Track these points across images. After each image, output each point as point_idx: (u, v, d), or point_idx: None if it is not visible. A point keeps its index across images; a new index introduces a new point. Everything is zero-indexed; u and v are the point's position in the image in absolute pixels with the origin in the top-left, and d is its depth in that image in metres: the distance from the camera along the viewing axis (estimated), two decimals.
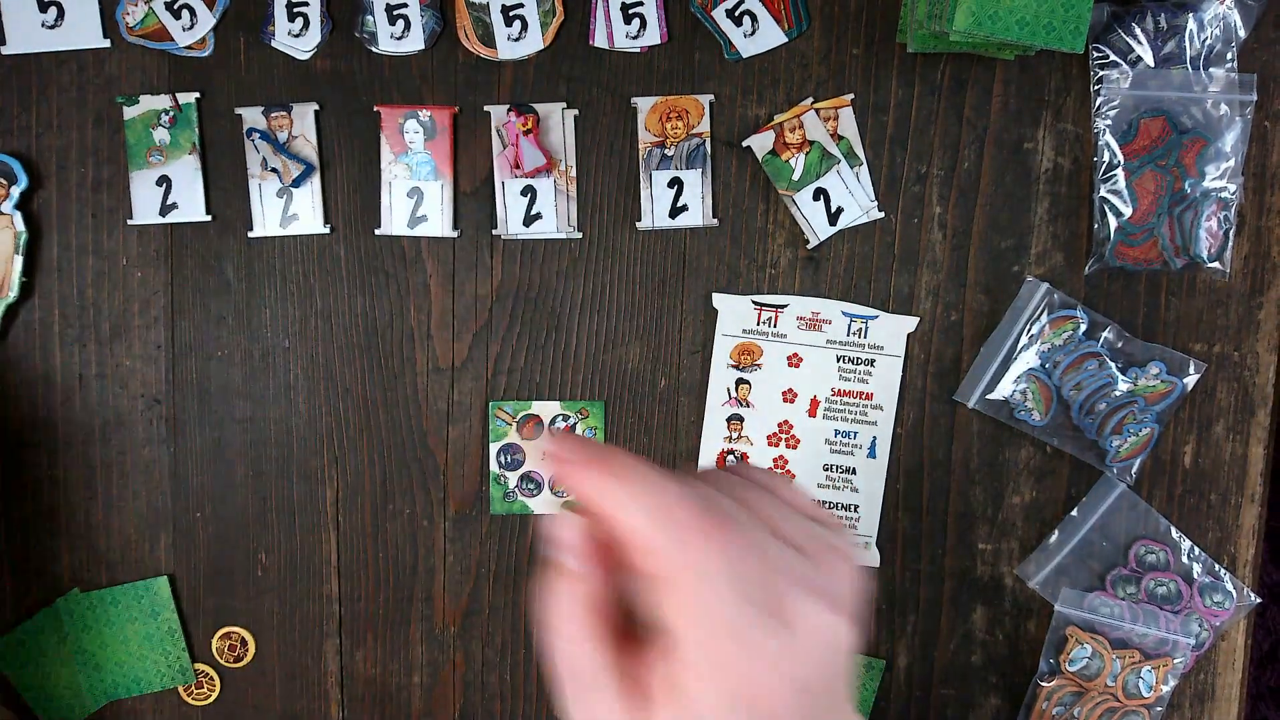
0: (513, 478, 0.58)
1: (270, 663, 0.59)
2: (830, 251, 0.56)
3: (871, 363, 0.57)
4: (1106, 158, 0.55)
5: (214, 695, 0.59)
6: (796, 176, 0.55)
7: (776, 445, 0.57)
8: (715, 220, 0.56)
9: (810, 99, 0.55)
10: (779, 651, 0.28)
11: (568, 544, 0.31)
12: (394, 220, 0.56)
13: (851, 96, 0.55)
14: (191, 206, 0.56)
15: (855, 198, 0.56)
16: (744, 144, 0.55)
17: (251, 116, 0.56)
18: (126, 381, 0.57)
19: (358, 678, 0.59)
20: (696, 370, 0.57)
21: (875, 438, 0.57)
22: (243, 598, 0.58)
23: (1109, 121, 0.54)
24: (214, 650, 0.58)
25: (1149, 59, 0.54)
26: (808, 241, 0.56)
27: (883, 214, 0.56)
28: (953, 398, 0.57)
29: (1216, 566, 0.57)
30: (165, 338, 0.57)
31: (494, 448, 0.58)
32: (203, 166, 0.56)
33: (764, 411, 0.57)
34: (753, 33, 0.55)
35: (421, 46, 0.55)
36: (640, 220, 0.56)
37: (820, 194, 0.55)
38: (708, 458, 0.57)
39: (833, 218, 0.56)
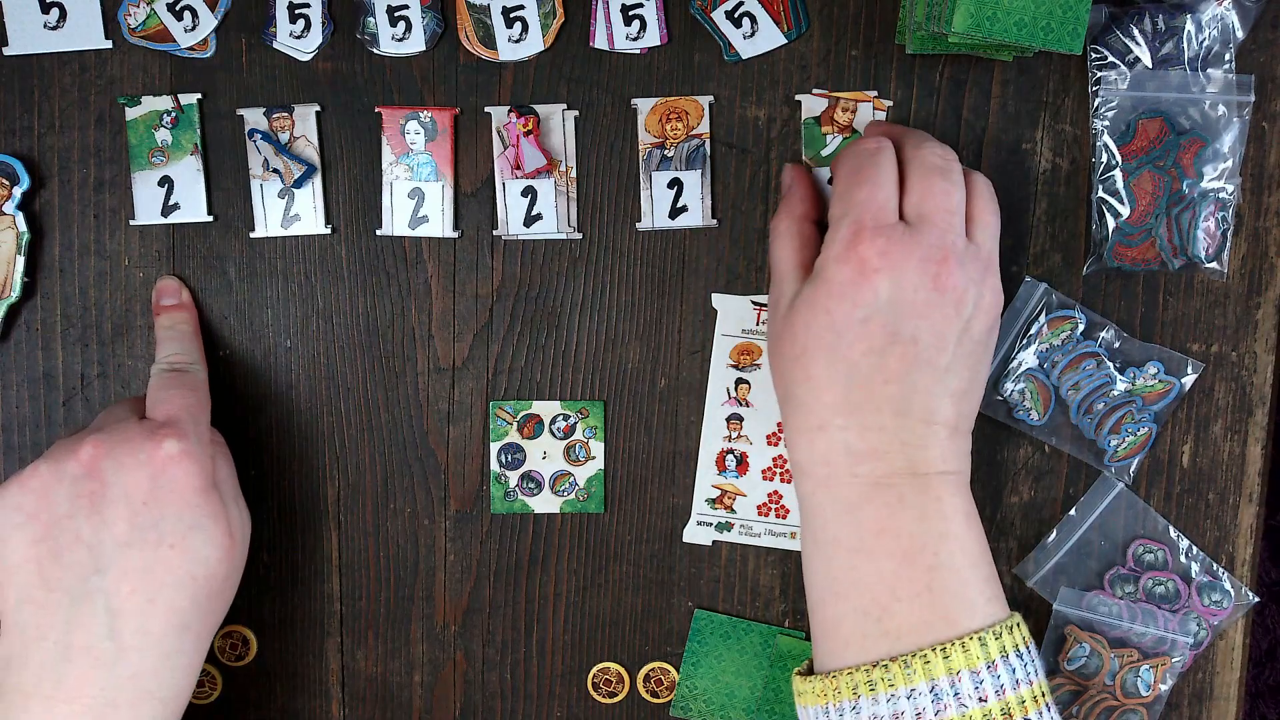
0: (513, 477, 0.58)
1: (272, 661, 0.59)
2: None
3: None
4: (1104, 158, 0.55)
5: (215, 694, 0.59)
6: (826, 153, 0.56)
7: (776, 445, 0.58)
8: (715, 221, 0.57)
9: (874, 92, 0.55)
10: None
11: (796, 181, 0.53)
12: (395, 221, 0.56)
13: (874, 93, 0.55)
14: (193, 207, 0.56)
15: None
16: (797, 97, 0.55)
17: (253, 118, 0.56)
18: (129, 382, 0.57)
19: (359, 676, 0.59)
20: (696, 370, 0.57)
21: None
22: (244, 597, 0.58)
23: (1107, 122, 0.55)
24: (216, 649, 0.59)
25: (1147, 60, 0.54)
26: None
27: None
28: None
29: (1215, 566, 0.57)
30: None
31: (495, 447, 0.58)
32: (204, 167, 0.56)
33: (764, 411, 0.57)
34: (752, 34, 0.55)
35: (422, 48, 0.56)
36: (640, 221, 0.57)
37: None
38: (708, 457, 0.58)
39: None
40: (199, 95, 0.56)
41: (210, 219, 0.57)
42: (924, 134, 0.51)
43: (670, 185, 0.56)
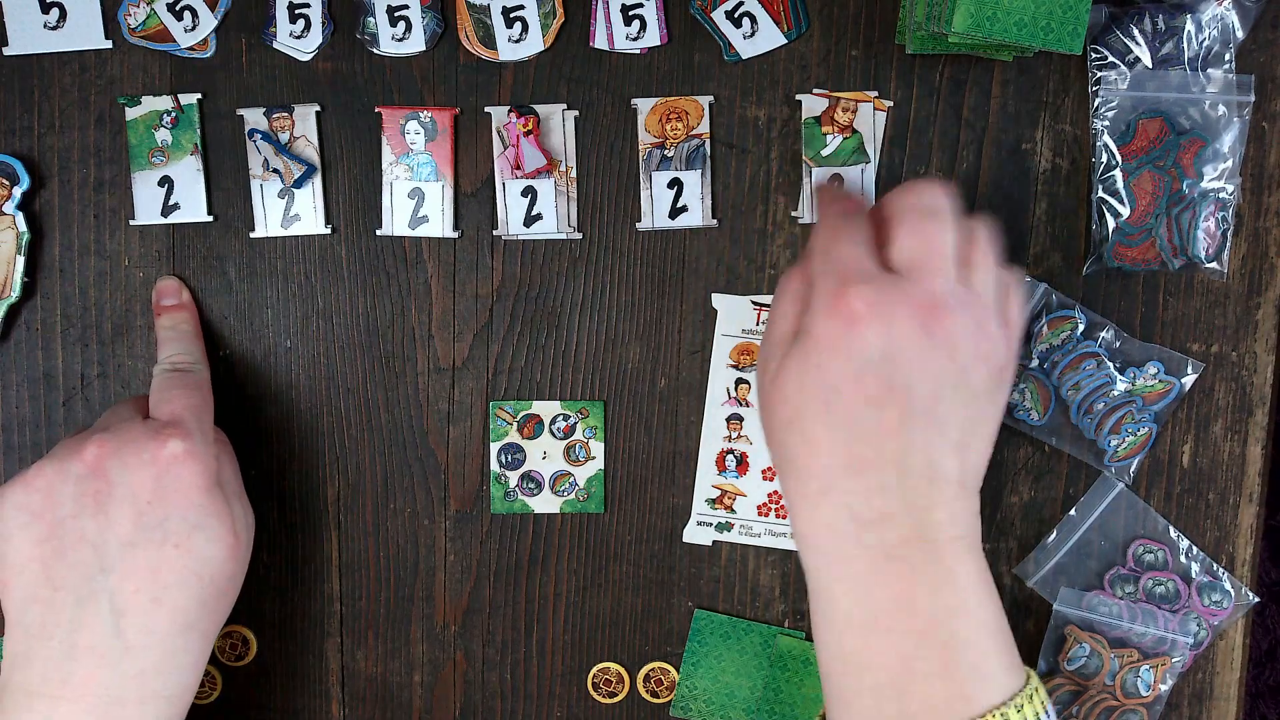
0: (513, 477, 0.58)
1: (271, 661, 0.59)
2: None
3: None
4: (1104, 159, 0.55)
5: (215, 694, 0.59)
6: (826, 153, 0.56)
7: None
8: (715, 221, 0.57)
9: (875, 92, 0.55)
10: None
11: (834, 233, 0.48)
12: (395, 221, 0.56)
13: (875, 93, 0.55)
14: (193, 207, 0.56)
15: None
16: (797, 97, 0.55)
17: (253, 118, 0.56)
18: (129, 382, 0.57)
19: (359, 676, 0.59)
20: (696, 370, 0.57)
21: None
22: (244, 597, 0.58)
23: (1107, 122, 0.55)
24: (215, 649, 0.59)
25: (1147, 60, 0.54)
26: (797, 215, 0.56)
27: None
28: None
29: (1215, 566, 0.57)
30: None
31: (494, 447, 0.58)
32: (204, 167, 0.56)
33: None
34: (752, 34, 0.55)
35: (422, 48, 0.56)
36: (640, 221, 0.57)
37: (836, 180, 0.56)
38: (708, 457, 0.58)
39: None
40: (199, 95, 0.56)
41: (210, 219, 0.57)
42: (918, 181, 0.49)
43: (670, 185, 0.56)
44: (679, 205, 0.56)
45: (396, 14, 0.55)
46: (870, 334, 0.44)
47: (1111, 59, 0.54)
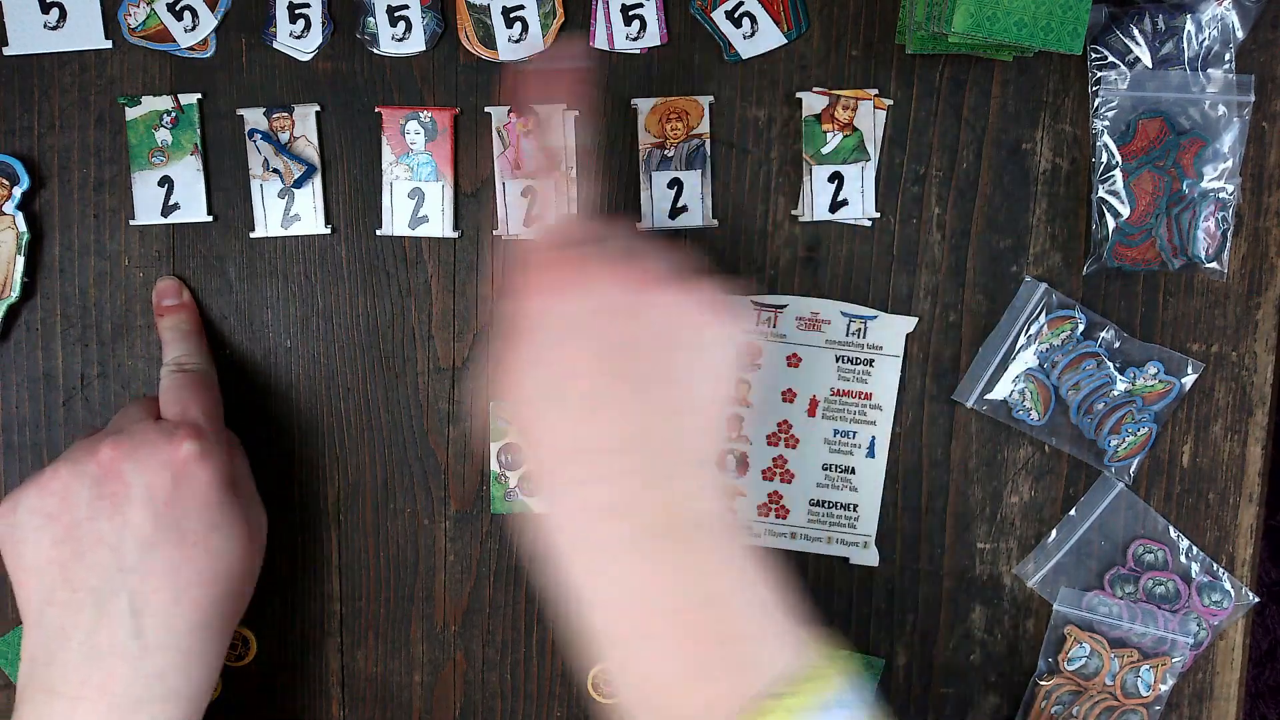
0: (513, 477, 0.58)
1: (271, 661, 0.59)
2: (829, 253, 0.57)
3: (870, 363, 0.57)
4: (1104, 158, 0.55)
5: (215, 694, 0.59)
6: (826, 150, 0.56)
7: (776, 445, 0.58)
8: (715, 221, 0.57)
9: (875, 90, 0.55)
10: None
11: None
12: (395, 221, 0.56)
13: (875, 91, 0.55)
14: (193, 207, 0.56)
15: (863, 199, 0.56)
16: (797, 95, 0.55)
17: (253, 117, 0.56)
18: (129, 382, 0.57)
19: (359, 676, 0.59)
20: None
21: (874, 437, 0.57)
22: None
23: (1107, 122, 0.55)
24: None
25: (1147, 60, 0.54)
26: (797, 214, 0.56)
27: (872, 221, 0.56)
28: (951, 397, 0.57)
29: (1215, 566, 0.57)
30: None
31: (495, 447, 0.58)
32: (204, 167, 0.56)
33: (763, 411, 0.57)
34: (752, 34, 0.55)
35: (422, 48, 0.56)
36: (640, 221, 0.57)
37: (836, 178, 0.56)
38: None
39: (835, 205, 0.56)
40: (199, 95, 0.56)
41: (210, 219, 0.57)
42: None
43: (670, 185, 0.56)
44: (679, 205, 0.56)
45: (396, 14, 0.55)
46: (557, 302, 0.43)
47: (1111, 59, 0.54)
